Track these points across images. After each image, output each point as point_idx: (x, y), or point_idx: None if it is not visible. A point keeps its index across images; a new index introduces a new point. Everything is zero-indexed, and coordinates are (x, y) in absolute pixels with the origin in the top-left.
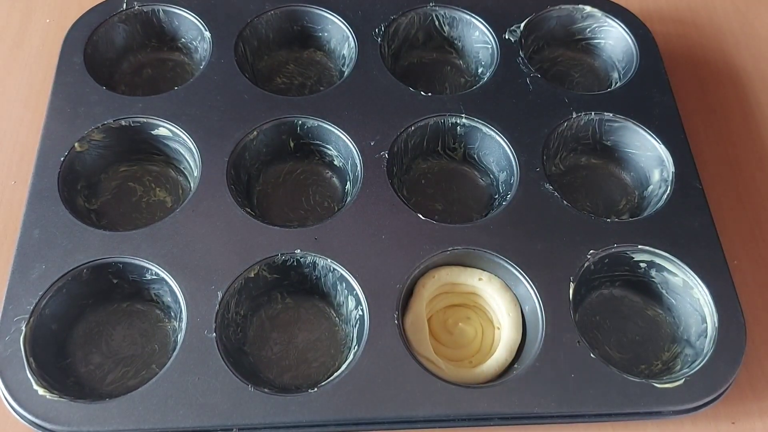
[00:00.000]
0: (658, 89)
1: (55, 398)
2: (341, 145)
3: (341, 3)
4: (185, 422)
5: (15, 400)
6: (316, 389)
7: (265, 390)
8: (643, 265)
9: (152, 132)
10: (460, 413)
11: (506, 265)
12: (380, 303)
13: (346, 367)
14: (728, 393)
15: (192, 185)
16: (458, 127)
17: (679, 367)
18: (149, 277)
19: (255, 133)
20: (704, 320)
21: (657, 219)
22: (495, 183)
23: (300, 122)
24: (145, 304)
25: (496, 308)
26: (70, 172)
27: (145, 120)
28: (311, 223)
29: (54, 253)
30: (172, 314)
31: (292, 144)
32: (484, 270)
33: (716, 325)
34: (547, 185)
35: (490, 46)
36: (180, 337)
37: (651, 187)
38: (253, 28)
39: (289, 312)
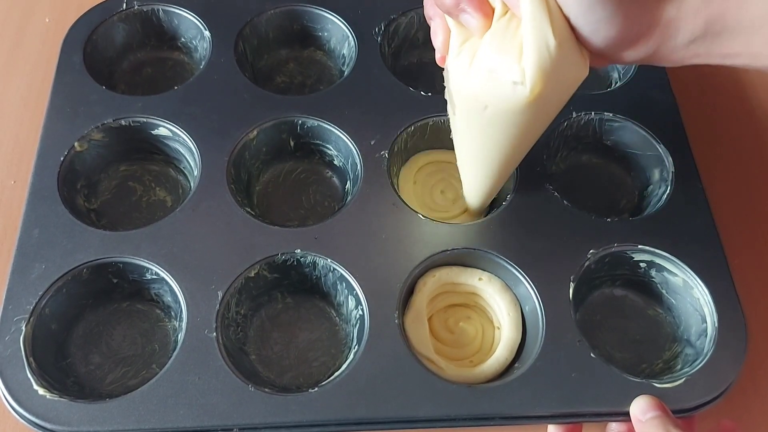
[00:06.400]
0: (659, 88)
1: (55, 398)
2: (341, 145)
3: (341, 2)
4: (185, 422)
5: (15, 400)
6: (316, 389)
7: (266, 390)
8: (643, 264)
9: (152, 131)
10: (461, 413)
11: (506, 265)
12: (380, 303)
13: (346, 367)
14: (729, 392)
15: (192, 185)
16: None
17: (679, 366)
18: (149, 277)
19: (255, 132)
20: (704, 320)
21: (657, 218)
22: None
23: (300, 122)
24: (145, 303)
25: (497, 308)
26: (70, 171)
27: (144, 119)
28: (311, 223)
29: (54, 252)
30: (173, 314)
31: (292, 143)
32: (485, 270)
33: (716, 324)
34: (547, 185)
35: None
36: (180, 337)
37: (651, 186)
38: (253, 28)
39: (290, 312)
